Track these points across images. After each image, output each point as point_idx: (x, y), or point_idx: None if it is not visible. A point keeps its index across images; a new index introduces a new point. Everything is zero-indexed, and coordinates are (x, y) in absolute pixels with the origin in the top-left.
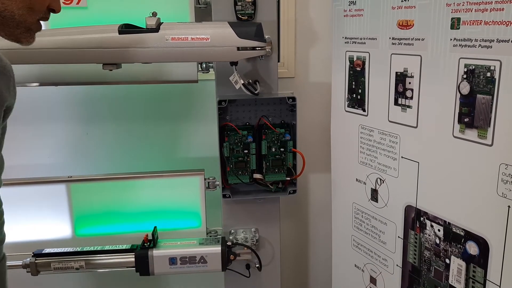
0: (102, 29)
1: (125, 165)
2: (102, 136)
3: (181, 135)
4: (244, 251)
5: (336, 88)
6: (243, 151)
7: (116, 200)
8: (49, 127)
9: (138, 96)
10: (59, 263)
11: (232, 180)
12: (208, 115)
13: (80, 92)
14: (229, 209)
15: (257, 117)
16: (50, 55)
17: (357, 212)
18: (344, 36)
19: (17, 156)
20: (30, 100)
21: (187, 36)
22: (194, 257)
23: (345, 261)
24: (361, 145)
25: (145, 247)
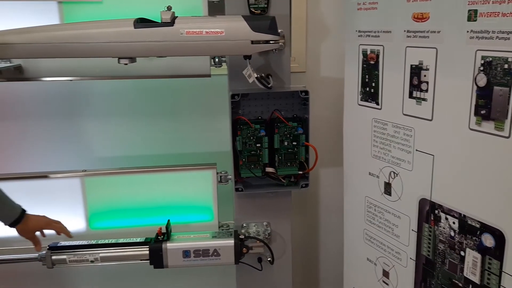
0: (117, 23)
1: (137, 159)
2: (116, 130)
3: (193, 130)
4: (256, 244)
5: (349, 81)
6: (256, 144)
7: (130, 194)
8: (64, 122)
9: (151, 90)
10: (74, 256)
11: (244, 173)
12: (220, 109)
13: (94, 86)
14: (241, 203)
15: (270, 111)
16: (66, 50)
17: (370, 205)
18: (358, 29)
19: (31, 150)
20: (45, 95)
21: (201, 30)
22: (207, 250)
23: (357, 255)
24: (374, 138)
25: (159, 240)
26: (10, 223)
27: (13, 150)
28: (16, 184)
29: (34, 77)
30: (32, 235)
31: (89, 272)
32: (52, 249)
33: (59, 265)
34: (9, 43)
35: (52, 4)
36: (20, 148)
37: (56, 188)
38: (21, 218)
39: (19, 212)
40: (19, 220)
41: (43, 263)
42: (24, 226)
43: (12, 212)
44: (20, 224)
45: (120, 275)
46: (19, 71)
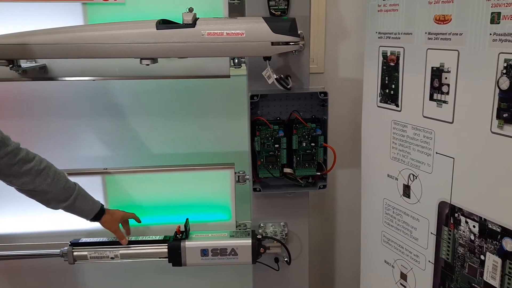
0: (140, 25)
1: (157, 158)
2: (135, 130)
3: (212, 129)
4: (273, 244)
5: (368, 83)
6: (274, 145)
7: (149, 192)
8: (85, 120)
9: (170, 90)
10: (95, 253)
11: (262, 174)
12: (238, 110)
13: (115, 86)
14: (258, 203)
15: (288, 112)
16: (89, 50)
17: (388, 208)
18: (378, 31)
19: (54, 148)
20: (67, 94)
21: (222, 31)
22: (225, 249)
23: (375, 257)
24: (393, 140)
25: (177, 239)
26: (93, 216)
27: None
28: None
29: (58, 77)
30: (116, 227)
31: (107, 269)
32: (74, 245)
33: (80, 261)
34: (34, 43)
35: (77, 5)
36: (43, 146)
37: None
38: (103, 211)
39: (100, 206)
40: (101, 213)
41: (64, 259)
42: (107, 218)
43: (94, 205)
44: (104, 216)
45: (137, 272)
46: (43, 71)
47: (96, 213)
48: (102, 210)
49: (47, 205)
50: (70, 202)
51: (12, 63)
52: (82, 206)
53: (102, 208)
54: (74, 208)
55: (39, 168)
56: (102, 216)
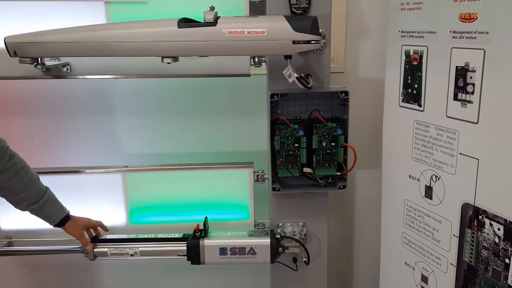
0: (162, 23)
1: (176, 156)
2: (154, 128)
3: (231, 128)
4: (292, 244)
5: (390, 82)
6: (294, 144)
7: (168, 190)
8: (106, 118)
9: (190, 89)
10: (115, 249)
11: (282, 173)
12: (257, 108)
13: (135, 84)
14: (277, 203)
15: (308, 111)
16: (111, 48)
17: (409, 209)
18: (400, 30)
19: (75, 146)
20: (89, 92)
21: (243, 30)
22: (243, 248)
23: (395, 258)
24: (415, 141)
25: (196, 237)
26: (58, 222)
27: (58, 145)
28: (59, 178)
29: (80, 75)
30: (79, 234)
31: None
32: (95, 241)
33: (100, 257)
34: (57, 42)
35: (99, 4)
36: (64, 143)
37: (99, 182)
38: (68, 218)
39: (67, 212)
40: (66, 220)
41: (85, 255)
42: (71, 224)
43: (62, 210)
44: (68, 222)
45: (152, 271)
46: (66, 69)
47: (62, 219)
48: (67, 217)
49: (16, 205)
50: (40, 205)
51: (36, 61)
52: (51, 210)
53: (68, 215)
54: (42, 211)
55: (19, 166)
56: (66, 222)
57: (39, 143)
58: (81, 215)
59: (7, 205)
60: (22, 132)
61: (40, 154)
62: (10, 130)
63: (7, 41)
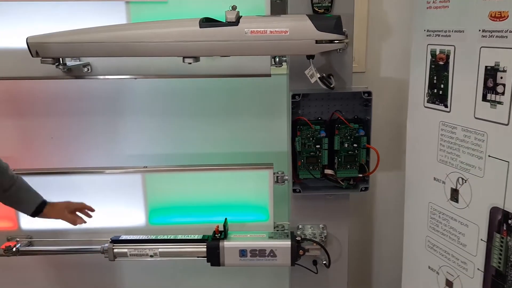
0: (183, 23)
1: (195, 157)
2: (174, 129)
3: (250, 129)
4: (313, 246)
5: (414, 83)
6: (315, 146)
7: (187, 191)
8: (126, 119)
9: (209, 90)
10: (135, 250)
11: (303, 175)
12: (277, 109)
13: (152, 85)
14: (297, 204)
15: (329, 112)
16: (132, 48)
17: (434, 212)
18: (426, 29)
19: (94, 146)
20: (109, 93)
21: (266, 29)
22: (263, 250)
23: (418, 262)
24: (441, 142)
25: (216, 238)
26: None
27: (78, 145)
28: (79, 178)
29: (101, 75)
30: (62, 215)
31: (144, 268)
32: (114, 242)
33: (120, 258)
34: (79, 42)
35: (120, 5)
36: (84, 143)
37: (118, 183)
38: (44, 203)
39: (42, 199)
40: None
41: (105, 255)
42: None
43: (36, 196)
44: (46, 208)
45: (171, 272)
46: (87, 69)
47: (38, 205)
48: (44, 203)
49: None
50: (14, 190)
51: (57, 62)
52: (24, 195)
53: (44, 201)
54: (16, 197)
55: None
56: (43, 209)
57: (59, 143)
58: (100, 215)
59: None
60: (42, 131)
61: (60, 154)
62: (30, 129)
63: (29, 42)
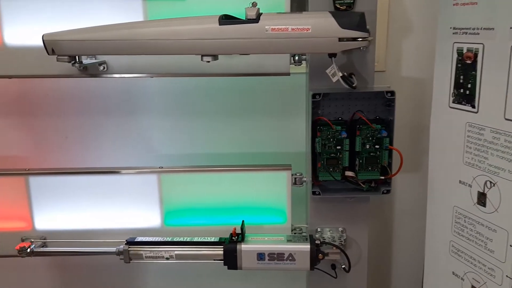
0: (202, 20)
1: (211, 157)
2: (189, 129)
3: (266, 130)
4: (332, 250)
5: (439, 82)
6: (336, 147)
7: (203, 192)
8: (140, 118)
9: (224, 89)
10: (151, 252)
11: (323, 177)
12: (294, 109)
13: (167, 84)
14: (316, 207)
15: (350, 112)
16: (150, 46)
17: (459, 216)
18: (452, 26)
19: (111, 146)
20: (124, 92)
21: (287, 27)
22: (282, 254)
23: (441, 268)
24: (467, 144)
25: (233, 241)
26: None
27: (93, 145)
28: (94, 179)
29: (117, 73)
30: None
31: (159, 270)
32: (130, 244)
33: (135, 260)
34: (95, 39)
35: (137, 2)
36: (99, 143)
37: (133, 184)
38: None
39: None
40: None
41: (120, 257)
42: None
43: None
44: None
45: (186, 275)
46: (103, 67)
47: None
48: None
49: None
50: None
51: (74, 60)
52: None
53: None
54: None
55: None
56: None
57: (73, 142)
58: (115, 216)
59: (43, 205)
60: (56, 131)
61: (74, 154)
62: (45, 129)
63: (45, 39)
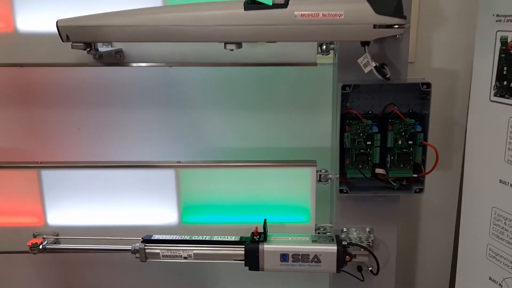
0: (226, 5)
1: (228, 152)
2: (207, 122)
3: (287, 123)
4: (360, 252)
5: (478, 74)
6: (366, 142)
7: (222, 188)
8: (157, 110)
9: (244, 80)
10: (168, 251)
11: (351, 174)
12: (318, 102)
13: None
14: (342, 206)
15: (381, 105)
16: (170, 33)
17: (498, 218)
18: (496, 13)
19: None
20: (140, 82)
21: (318, 13)
22: (307, 255)
23: (477, 272)
24: (510, 141)
25: (255, 241)
26: None
27: (107, 137)
28: (107, 173)
29: (134, 62)
30: None
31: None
32: (146, 242)
33: (152, 259)
34: (112, 25)
35: None
36: (113, 135)
37: (149, 179)
38: None
39: None
40: None
41: (136, 256)
42: None
43: None
44: None
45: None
46: (119, 56)
47: None
48: None
49: None
50: None
51: (89, 47)
52: None
53: None
54: None
55: None
56: None
57: (86, 134)
58: (130, 212)
59: (55, 200)
60: (68, 122)
61: (87, 146)
62: (56, 120)
63: (59, 25)
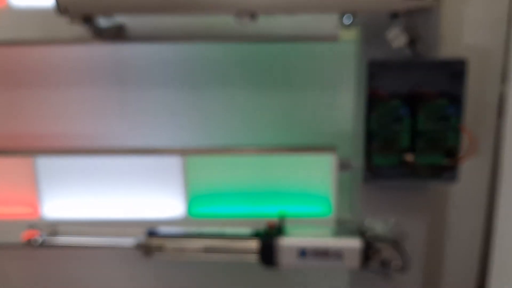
0: None
1: (241, 136)
2: (216, 103)
3: (304, 105)
4: (385, 247)
5: None
6: (393, 126)
7: (233, 177)
8: (162, 91)
9: (257, 58)
10: (175, 245)
11: (378, 160)
12: (337, 82)
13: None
14: (366, 196)
15: (408, 85)
16: (178, 4)
17: None
18: None
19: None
20: (143, 61)
21: None
22: (327, 251)
23: None
24: None
25: (270, 234)
26: None
27: (108, 120)
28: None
29: (136, 39)
30: None
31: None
32: (152, 235)
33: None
34: None
35: None
36: (115, 118)
37: (154, 166)
38: None
39: None
40: None
41: (140, 250)
42: None
43: None
44: None
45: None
46: (120, 32)
47: None
48: None
49: None
50: None
51: (89, 21)
52: None
53: None
54: None
55: None
56: None
57: (86, 118)
58: (132, 204)
59: (53, 192)
60: (66, 105)
61: (88, 131)
62: (54, 102)
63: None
